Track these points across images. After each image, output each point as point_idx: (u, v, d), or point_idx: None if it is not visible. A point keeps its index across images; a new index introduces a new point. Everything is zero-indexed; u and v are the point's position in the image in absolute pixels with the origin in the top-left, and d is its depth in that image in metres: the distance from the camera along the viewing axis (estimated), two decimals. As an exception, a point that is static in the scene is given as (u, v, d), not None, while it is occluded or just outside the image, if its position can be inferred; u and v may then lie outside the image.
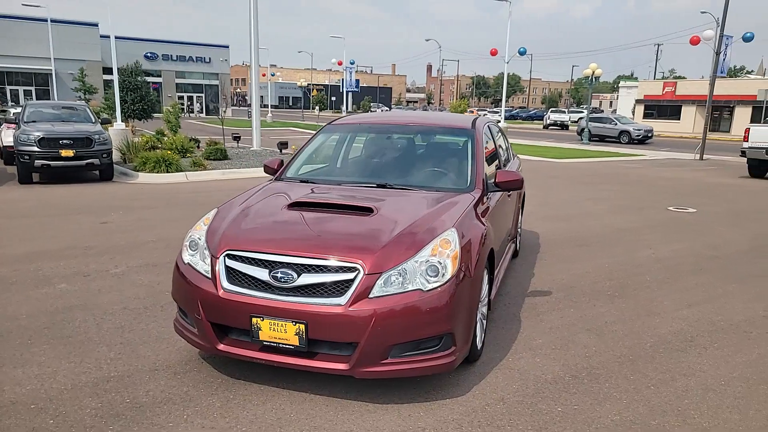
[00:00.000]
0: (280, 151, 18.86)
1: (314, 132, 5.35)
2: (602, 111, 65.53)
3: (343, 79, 47.03)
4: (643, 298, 5.24)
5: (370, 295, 3.08)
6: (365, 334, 3.04)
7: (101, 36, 47.21)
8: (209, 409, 3.18)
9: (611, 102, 69.74)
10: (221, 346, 3.31)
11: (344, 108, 41.96)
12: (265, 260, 3.23)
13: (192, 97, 60.19)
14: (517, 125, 52.65)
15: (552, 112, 51.16)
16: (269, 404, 3.24)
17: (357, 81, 42.47)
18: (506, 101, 35.92)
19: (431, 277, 3.16)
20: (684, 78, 65.72)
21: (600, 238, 7.66)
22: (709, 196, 12.13)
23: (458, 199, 3.96)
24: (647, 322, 4.63)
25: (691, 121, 47.76)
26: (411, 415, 3.16)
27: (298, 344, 3.12)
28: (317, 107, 53.24)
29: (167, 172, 13.43)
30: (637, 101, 52.09)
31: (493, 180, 4.42)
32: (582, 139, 30.35)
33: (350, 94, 41.65)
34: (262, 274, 3.21)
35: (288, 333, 3.11)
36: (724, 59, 21.33)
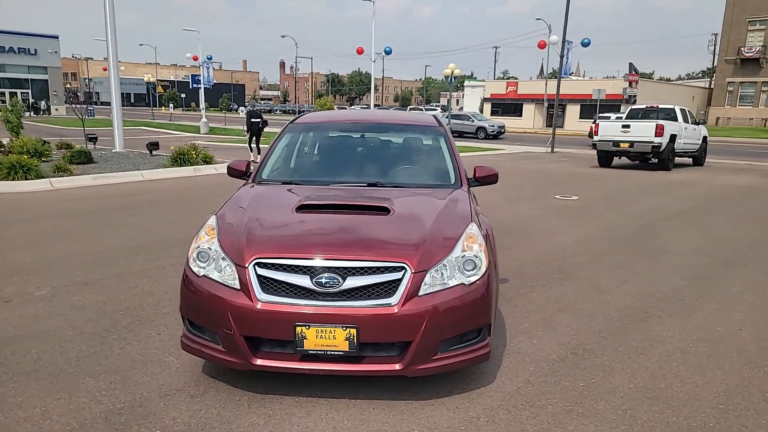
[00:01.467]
0: (151, 152, 17.49)
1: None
2: (450, 108, 69.49)
3: (193, 75, 44.55)
4: (585, 278, 5.79)
5: (420, 293, 3.09)
6: (419, 333, 3.04)
7: None
8: (255, 428, 2.97)
9: (457, 100, 74.39)
10: (258, 361, 3.10)
11: (201, 106, 39.85)
12: (304, 266, 3.08)
13: (16, 92, 53.16)
14: (375, 122, 54.07)
15: (411, 109, 53.49)
16: (315, 414, 3.11)
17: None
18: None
19: (469, 271, 3.24)
20: (516, 78, 72.25)
21: (516, 227, 8.25)
22: (578, 184, 13.56)
23: (457, 195, 4.08)
24: (602, 300, 5.13)
25: (531, 118, 52.74)
26: (458, 407, 3.22)
27: (348, 349, 3.03)
28: (171, 105, 49.85)
29: (26, 179, 11.90)
30: (485, 99, 56.29)
31: (471, 175, 4.62)
32: (444, 135, 32.13)
33: (203, 91, 39.66)
34: (304, 280, 3.06)
35: (337, 339, 3.01)
36: (567, 62, 23.86)
